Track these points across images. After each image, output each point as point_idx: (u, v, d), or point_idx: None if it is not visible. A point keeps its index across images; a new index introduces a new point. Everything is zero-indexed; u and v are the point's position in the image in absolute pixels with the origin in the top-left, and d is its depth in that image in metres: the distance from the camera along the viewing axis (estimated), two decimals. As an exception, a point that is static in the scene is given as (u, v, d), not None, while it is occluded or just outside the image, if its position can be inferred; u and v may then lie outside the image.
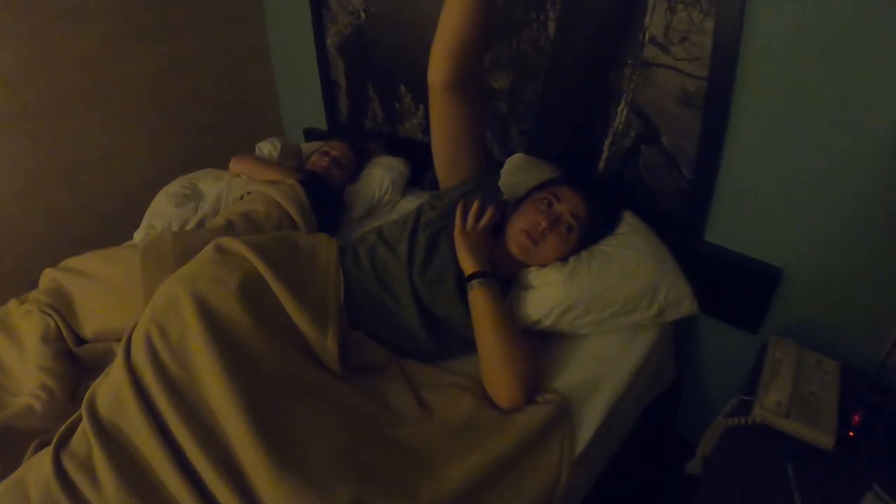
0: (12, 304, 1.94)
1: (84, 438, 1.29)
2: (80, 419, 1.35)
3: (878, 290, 1.79)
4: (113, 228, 2.79)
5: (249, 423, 1.23)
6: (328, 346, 1.49)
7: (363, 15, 2.69)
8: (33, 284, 2.08)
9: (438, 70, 1.54)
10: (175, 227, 2.29)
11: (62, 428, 1.36)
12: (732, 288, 2.02)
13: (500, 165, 2.23)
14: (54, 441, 1.31)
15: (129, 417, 1.29)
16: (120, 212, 2.96)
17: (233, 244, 1.61)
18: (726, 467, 1.58)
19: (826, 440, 1.56)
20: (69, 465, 1.24)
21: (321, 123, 3.25)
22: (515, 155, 2.27)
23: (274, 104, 3.56)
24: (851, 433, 1.61)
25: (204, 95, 3.24)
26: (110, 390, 1.36)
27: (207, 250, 1.62)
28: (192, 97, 3.20)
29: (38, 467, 1.26)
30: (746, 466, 1.57)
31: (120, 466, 1.22)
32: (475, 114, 1.67)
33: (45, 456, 1.27)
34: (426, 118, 2.24)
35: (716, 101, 1.79)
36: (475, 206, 1.71)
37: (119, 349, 1.44)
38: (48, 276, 1.99)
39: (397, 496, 1.22)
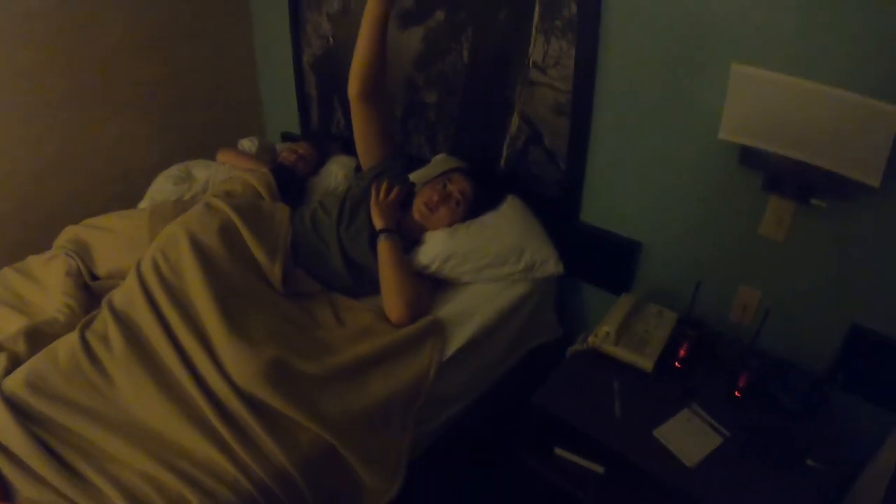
0: (31, 258, 2.51)
1: (102, 321, 1.90)
2: (98, 312, 1.97)
3: (716, 259, 2.31)
4: (117, 209, 3.30)
5: (215, 307, 1.87)
6: (275, 272, 2.14)
7: (331, 40, 3.29)
8: (44, 249, 2.60)
9: (352, 87, 2.27)
10: (173, 199, 2.87)
11: (87, 317, 1.97)
12: (605, 259, 2.57)
13: (426, 163, 2.83)
14: (81, 323, 1.91)
15: (137, 307, 1.91)
16: (124, 195, 3.34)
17: (216, 202, 2.27)
18: (568, 382, 2.14)
19: (646, 363, 2.11)
20: (90, 337, 1.84)
21: (296, 129, 3.79)
22: (439, 154, 2.88)
23: (258, 109, 4.04)
24: (678, 364, 2.17)
25: (198, 98, 3.71)
26: (124, 292, 1.99)
27: (199, 206, 2.27)
28: (188, 99, 3.67)
29: (66, 340, 1.85)
30: (583, 381, 2.14)
31: (127, 337, 1.83)
32: (381, 116, 2.37)
33: (73, 334, 1.87)
34: None
35: (579, 109, 2.38)
36: (385, 184, 2.34)
37: (132, 268, 2.08)
38: (70, 231, 2.58)
39: (306, 360, 1.84)
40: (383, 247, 2.20)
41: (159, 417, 1.69)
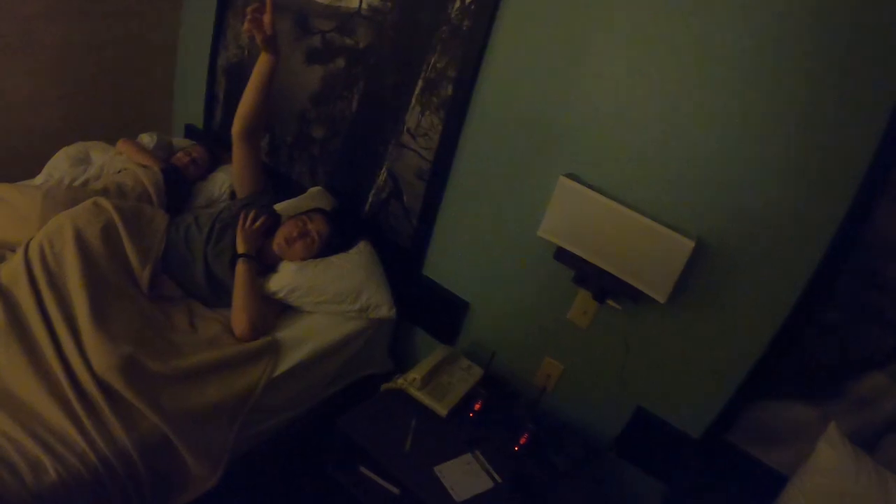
0: None
1: None
2: None
3: (529, 331, 2.69)
4: (14, 165, 3.36)
5: (86, 300, 2.15)
6: (144, 276, 2.44)
7: (247, 52, 3.54)
8: None
9: (235, 127, 2.62)
10: (66, 181, 3.06)
11: None
12: (438, 311, 2.93)
13: (304, 191, 3.15)
14: None
15: (20, 286, 2.17)
16: (23, 152, 3.52)
17: (104, 203, 2.52)
18: (373, 413, 2.47)
19: (441, 410, 2.46)
20: None
21: (199, 124, 3.97)
22: (315, 187, 3.20)
23: (168, 95, 4.16)
24: (471, 414, 2.52)
25: (114, 74, 3.80)
26: (11, 269, 2.24)
27: (88, 202, 2.51)
28: (104, 73, 3.75)
29: None
30: (387, 415, 2.47)
31: (8, 311, 2.08)
32: (256, 155, 2.72)
33: None
34: (269, 144, 3.30)
35: (436, 179, 2.74)
36: (252, 214, 2.65)
37: (20, 249, 2.32)
38: None
39: (157, 360, 2.14)
40: (240, 269, 2.51)
41: (26, 388, 1.94)
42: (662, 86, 2.12)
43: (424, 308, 2.96)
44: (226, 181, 3.34)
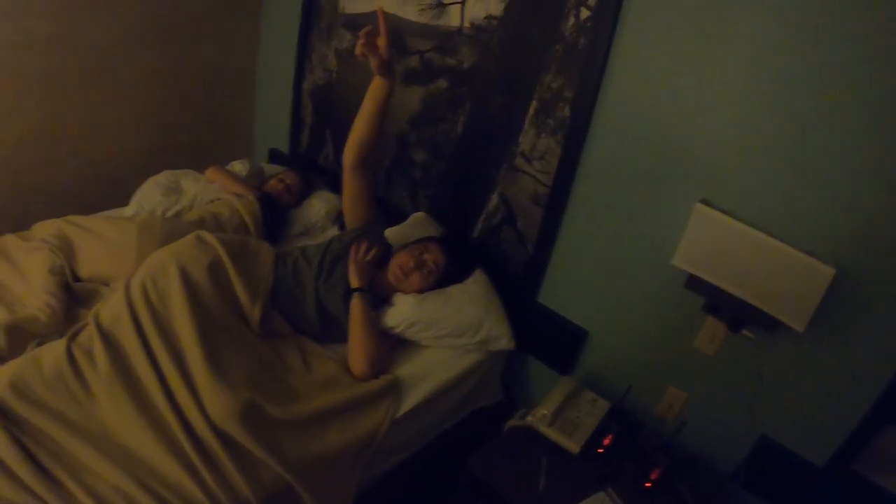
0: (9, 237, 2.63)
1: (88, 336, 2.05)
2: (85, 325, 2.12)
3: (652, 360, 2.58)
4: (96, 190, 3.48)
5: (199, 344, 2.06)
6: (255, 313, 2.35)
7: (334, 75, 3.49)
8: (24, 221, 2.76)
9: (347, 157, 2.50)
10: (158, 212, 3.03)
11: (73, 328, 2.12)
12: (554, 340, 2.82)
13: (406, 217, 3.07)
14: (68, 335, 2.05)
15: (123, 328, 2.08)
16: (105, 178, 3.57)
17: (209, 237, 2.45)
18: (502, 453, 2.37)
19: (573, 446, 2.35)
20: (76, 351, 1.99)
21: (284, 148, 3.94)
22: (419, 213, 3.12)
23: (251, 120, 4.16)
24: (601, 450, 2.41)
25: (195, 100, 3.84)
26: (111, 310, 2.14)
27: (191, 237, 2.44)
28: (184, 97, 3.79)
29: (51, 350, 2.00)
30: (515, 454, 2.36)
31: (112, 357, 1.99)
32: (369, 185, 2.61)
33: (59, 343, 2.01)
34: None
35: (554, 204, 2.63)
36: (364, 245, 2.57)
37: (119, 288, 2.24)
38: (54, 225, 2.68)
39: (276, 405, 2.04)
40: (356, 305, 2.42)
41: (136, 437, 1.85)
42: (797, 108, 2.01)
43: (539, 337, 2.85)
44: (322, 207, 3.31)
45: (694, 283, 2.29)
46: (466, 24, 2.78)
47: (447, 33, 2.86)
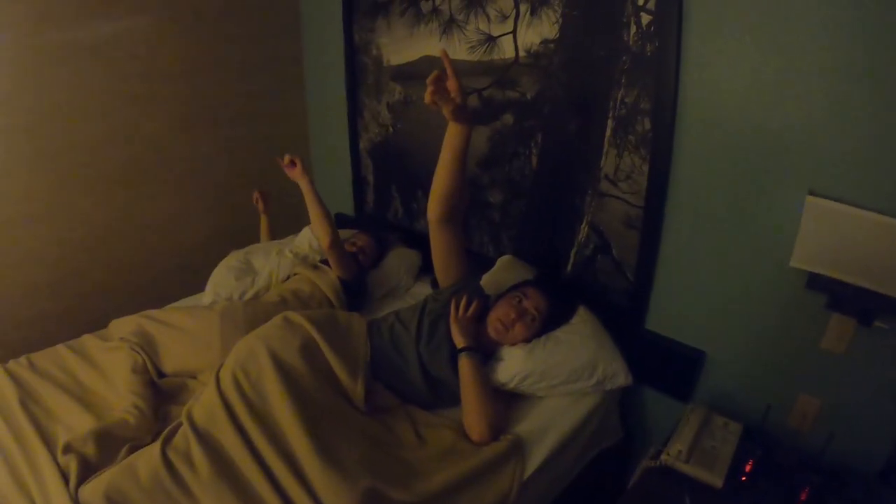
0: (87, 338, 2.63)
1: (184, 439, 1.96)
2: (178, 426, 2.03)
3: (778, 370, 2.42)
4: (168, 281, 3.49)
5: (305, 432, 1.94)
6: (358, 390, 2.23)
7: (391, 129, 3.44)
8: (95, 321, 2.75)
9: (432, 211, 2.36)
10: (236, 297, 2.98)
11: (166, 431, 2.03)
12: (668, 366, 2.67)
13: (493, 264, 2.95)
14: (161, 439, 1.97)
15: (220, 426, 1.98)
16: (173, 268, 3.60)
17: (295, 317, 2.36)
18: (643, 497, 2.22)
19: (716, 481, 2.18)
20: (173, 456, 1.90)
21: (349, 211, 3.91)
22: (505, 256, 3.00)
23: None
24: (743, 478, 2.24)
25: (250, 176, 3.84)
26: (204, 407, 2.06)
27: (277, 319, 2.36)
28: (240, 176, 3.83)
29: (146, 456, 1.91)
30: (655, 498, 2.21)
31: (212, 458, 1.90)
32: (459, 238, 2.46)
33: (154, 449, 1.92)
34: None
35: (650, 224, 2.50)
36: (464, 301, 2.45)
37: (209, 382, 2.16)
38: (132, 322, 2.65)
39: (397, 487, 1.91)
40: (466, 365, 2.29)
41: None
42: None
43: (652, 365, 2.70)
44: (401, 265, 3.25)
45: (815, 282, 2.14)
46: (522, 54, 2.70)
47: (503, 66, 2.78)
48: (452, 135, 2.22)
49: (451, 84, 2.07)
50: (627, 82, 2.42)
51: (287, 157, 2.93)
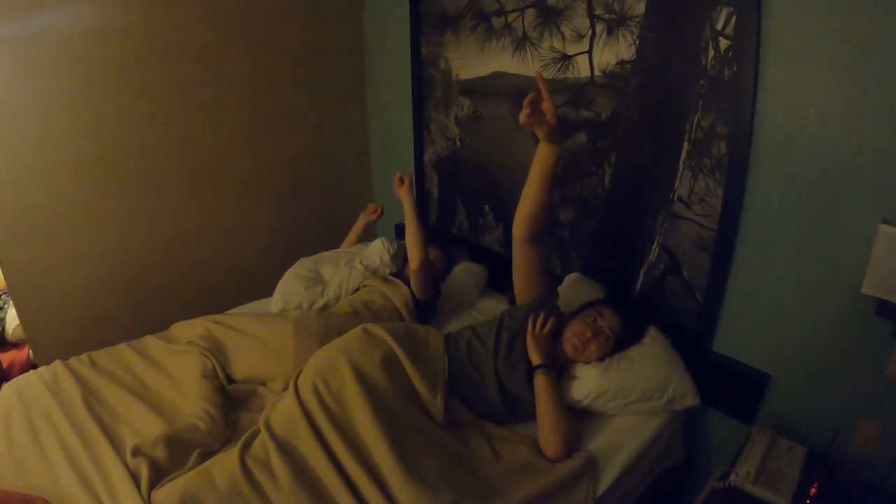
0: (150, 339, 2.70)
1: (263, 447, 2.03)
2: (255, 434, 2.11)
3: (843, 395, 2.46)
4: (226, 287, 3.60)
5: (388, 445, 2.01)
6: (437, 405, 2.31)
7: (458, 143, 3.51)
8: (156, 323, 2.85)
9: (518, 230, 2.43)
10: (305, 306, 3.05)
11: (244, 438, 2.09)
12: (733, 388, 2.70)
13: (561, 280, 3.00)
14: (239, 446, 2.03)
15: (300, 436, 2.05)
16: (233, 274, 3.70)
17: (376, 330, 2.43)
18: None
19: (782, 502, 2.23)
20: (251, 464, 1.97)
21: None
22: (573, 274, 3.04)
23: (369, 199, 4.24)
24: (808, 501, 2.27)
25: (312, 186, 3.98)
26: (283, 416, 2.13)
27: (357, 331, 2.44)
28: (302, 186, 3.94)
29: (223, 463, 1.98)
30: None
31: (293, 467, 1.96)
32: (540, 257, 2.54)
33: (232, 456, 1.99)
34: (504, 234, 3.17)
35: (722, 247, 2.54)
36: (541, 318, 2.51)
37: (287, 391, 2.24)
38: (201, 326, 2.72)
39: (478, 501, 1.98)
40: (542, 382, 2.35)
41: None
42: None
43: (717, 387, 2.73)
44: (468, 280, 3.32)
45: (885, 309, 2.17)
46: (597, 73, 2.76)
47: (578, 85, 2.84)
48: (544, 155, 2.29)
49: (546, 105, 2.14)
50: (704, 106, 2.47)
51: (398, 175, 3.04)
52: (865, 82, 2.09)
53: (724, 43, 2.36)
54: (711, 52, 2.40)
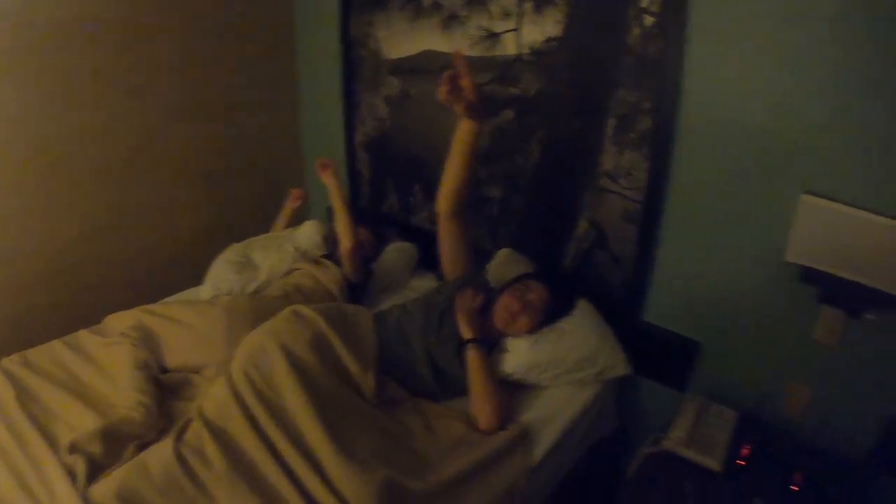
0: (83, 334, 2.64)
1: (196, 435, 2.01)
2: (188, 423, 2.09)
3: (772, 360, 2.56)
4: (159, 275, 3.53)
5: (320, 426, 2.01)
6: (369, 383, 2.32)
7: (388, 123, 3.51)
8: (89, 316, 2.78)
9: (442, 205, 2.47)
10: (236, 291, 3.02)
11: (177, 427, 2.07)
12: (664, 357, 2.79)
13: (490, 257, 3.03)
14: (172, 435, 2.01)
15: (233, 421, 2.04)
16: (166, 262, 3.63)
17: (305, 311, 2.43)
18: (644, 483, 2.35)
19: (714, 464, 2.32)
20: (186, 452, 1.94)
21: None
22: (503, 250, 3.08)
23: (302, 182, 4.15)
24: (740, 461, 2.36)
25: (244, 168, 3.91)
26: (216, 403, 2.12)
27: (286, 313, 2.43)
28: (233, 168, 3.86)
29: (158, 454, 1.93)
30: (656, 483, 2.34)
31: (227, 453, 1.95)
32: (466, 232, 2.58)
33: (165, 446, 1.95)
34: (434, 212, 3.12)
35: (648, 219, 2.61)
36: (470, 293, 2.54)
37: (219, 377, 2.25)
38: (132, 317, 2.66)
39: (413, 478, 2.00)
40: (473, 357, 2.39)
41: None
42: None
43: (649, 356, 2.80)
44: (399, 259, 3.32)
45: (808, 276, 2.28)
46: (525, 51, 2.79)
47: (505, 63, 2.87)
48: (464, 131, 2.30)
49: (465, 82, 2.14)
50: (630, 82, 2.53)
51: (320, 160, 3.09)
52: (787, 59, 2.17)
53: (648, 20, 2.41)
54: (637, 30, 2.45)
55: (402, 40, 3.31)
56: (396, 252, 3.36)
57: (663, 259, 2.69)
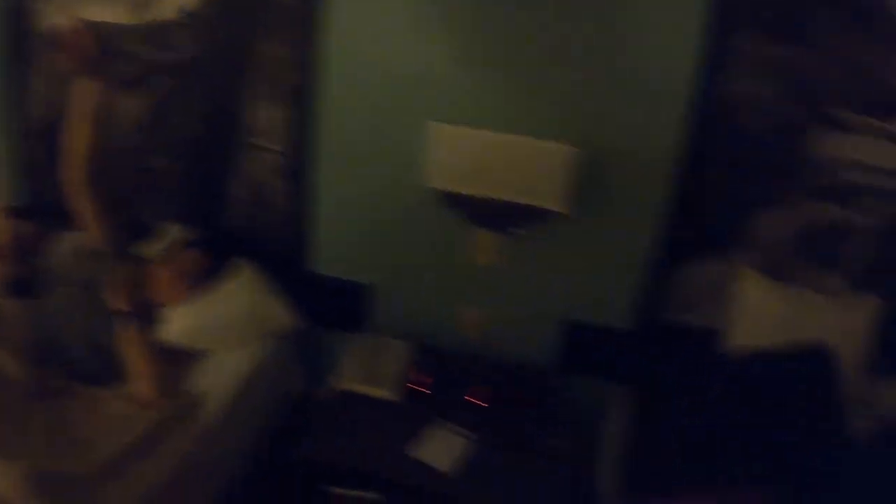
0: None
1: None
2: None
3: (439, 288, 2.73)
4: None
5: None
6: (20, 373, 2.28)
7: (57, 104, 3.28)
8: None
9: (76, 174, 2.43)
10: None
11: None
12: (336, 303, 2.91)
13: (151, 230, 2.88)
14: None
15: None
16: None
17: None
18: (325, 429, 2.39)
19: (388, 394, 2.45)
20: None
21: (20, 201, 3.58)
22: (167, 223, 2.91)
23: None
24: (420, 388, 2.51)
25: None
26: None
27: None
28: None
29: None
30: (338, 426, 2.41)
31: None
32: (104, 199, 2.51)
33: None
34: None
35: (300, 171, 2.71)
36: (119, 268, 2.47)
37: None
38: None
39: (69, 460, 1.95)
40: (127, 331, 2.31)
41: None
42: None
43: (322, 305, 2.88)
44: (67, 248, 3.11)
45: (452, 200, 2.44)
46: (179, 14, 2.73)
47: (161, 27, 2.77)
48: (86, 91, 2.27)
49: (85, 39, 2.16)
50: (273, 36, 2.58)
51: None
52: (416, 14, 2.39)
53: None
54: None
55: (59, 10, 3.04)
56: (67, 242, 3.14)
57: (320, 208, 2.77)
